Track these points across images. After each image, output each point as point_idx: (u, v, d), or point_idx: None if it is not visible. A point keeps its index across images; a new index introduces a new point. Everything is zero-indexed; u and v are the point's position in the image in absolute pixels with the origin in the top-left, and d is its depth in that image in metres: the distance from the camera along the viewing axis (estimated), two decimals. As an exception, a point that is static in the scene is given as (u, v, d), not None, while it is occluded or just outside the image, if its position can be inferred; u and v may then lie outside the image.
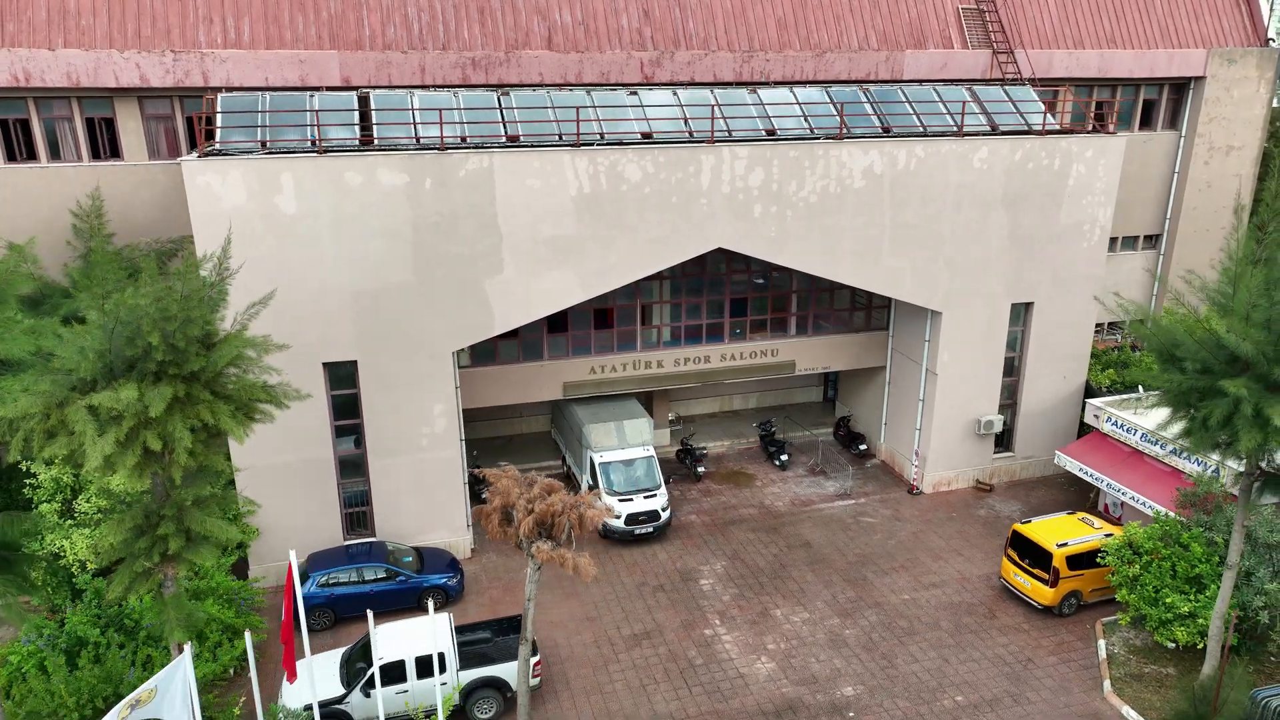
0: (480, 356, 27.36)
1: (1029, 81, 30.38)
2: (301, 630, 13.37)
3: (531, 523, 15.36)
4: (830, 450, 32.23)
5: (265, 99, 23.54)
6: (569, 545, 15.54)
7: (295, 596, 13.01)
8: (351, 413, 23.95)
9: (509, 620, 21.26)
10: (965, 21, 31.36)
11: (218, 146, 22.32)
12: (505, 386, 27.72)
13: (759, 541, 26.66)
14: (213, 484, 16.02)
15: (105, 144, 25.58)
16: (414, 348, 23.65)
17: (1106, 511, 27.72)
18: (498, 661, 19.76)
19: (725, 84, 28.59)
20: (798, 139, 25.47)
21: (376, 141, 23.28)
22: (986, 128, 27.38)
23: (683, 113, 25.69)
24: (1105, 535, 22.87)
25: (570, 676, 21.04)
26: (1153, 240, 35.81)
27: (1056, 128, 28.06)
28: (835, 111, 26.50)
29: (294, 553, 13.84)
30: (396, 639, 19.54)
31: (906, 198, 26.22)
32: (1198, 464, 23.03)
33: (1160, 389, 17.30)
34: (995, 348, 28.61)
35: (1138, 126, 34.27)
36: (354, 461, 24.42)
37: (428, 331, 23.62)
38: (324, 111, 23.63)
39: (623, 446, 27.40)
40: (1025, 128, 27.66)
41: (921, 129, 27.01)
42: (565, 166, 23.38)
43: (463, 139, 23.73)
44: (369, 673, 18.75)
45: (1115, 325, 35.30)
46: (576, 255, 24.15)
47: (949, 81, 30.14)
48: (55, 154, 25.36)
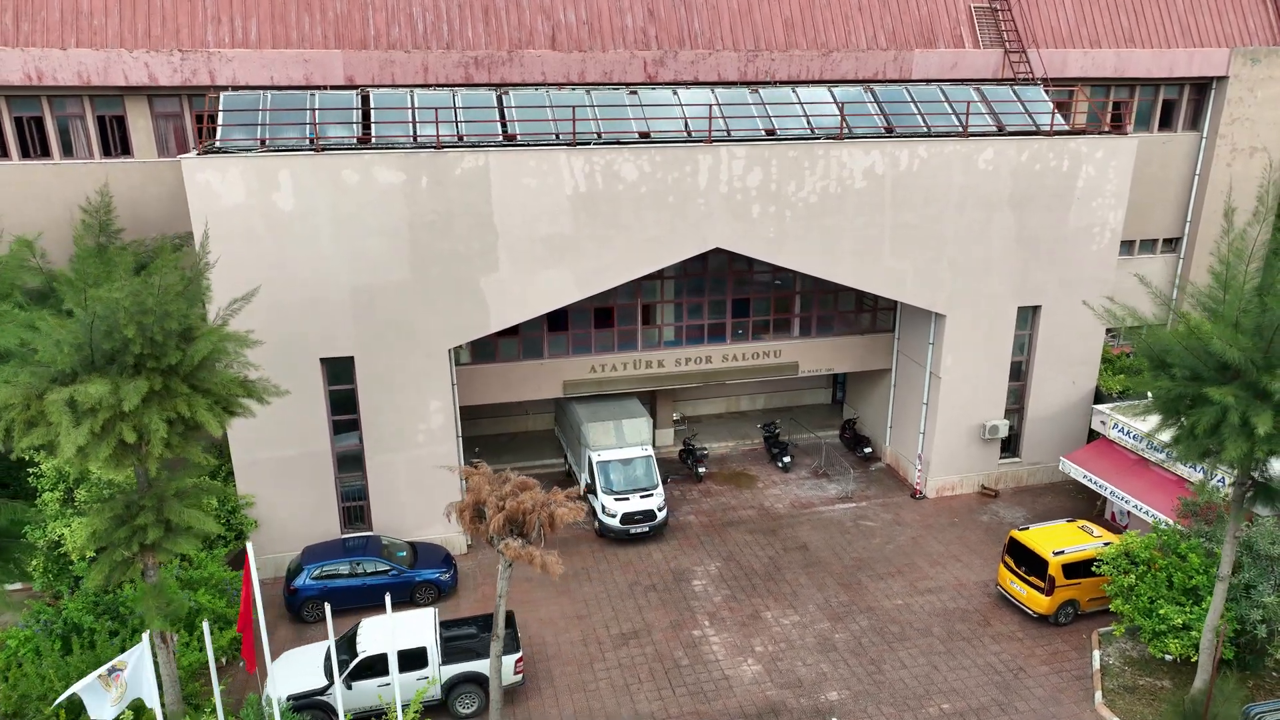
0: (480, 354, 27.55)
1: (1042, 81, 29.87)
2: (259, 621, 13.55)
3: (502, 520, 15.43)
4: (834, 453, 31.97)
5: (266, 98, 23.89)
6: (539, 543, 15.58)
7: (253, 587, 13.20)
8: (349, 408, 24.23)
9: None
10: (977, 21, 30.93)
11: (218, 144, 22.70)
12: (505, 384, 27.87)
13: (755, 543, 26.53)
14: (194, 476, 16.28)
15: (116, 141, 26.13)
16: (410, 345, 23.87)
17: (1113, 520, 27.21)
18: (482, 657, 19.87)
19: (729, 84, 28.46)
20: (797, 139, 25.30)
21: (374, 140, 23.53)
22: (993, 128, 26.98)
23: (682, 112, 25.63)
24: (1104, 544, 22.46)
25: (555, 674, 21.11)
26: (1172, 244, 35.03)
27: (1065, 128, 27.57)
28: (837, 111, 26.28)
29: (251, 545, 14.06)
30: (384, 632, 19.74)
31: (909, 199, 25.94)
32: (1201, 472, 22.51)
33: (1149, 395, 16.96)
34: (1001, 351, 28.19)
35: (1157, 127, 33.54)
36: (352, 456, 24.70)
37: (424, 329, 23.82)
38: (323, 110, 23.93)
39: (621, 446, 27.42)
40: (1033, 128, 27.22)
41: (926, 129, 26.69)
42: (561, 165, 23.45)
43: (459, 138, 23.89)
44: (352, 665, 18.99)
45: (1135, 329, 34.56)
46: (572, 254, 24.21)
47: (958, 81, 29.74)
48: (68, 151, 25.95)
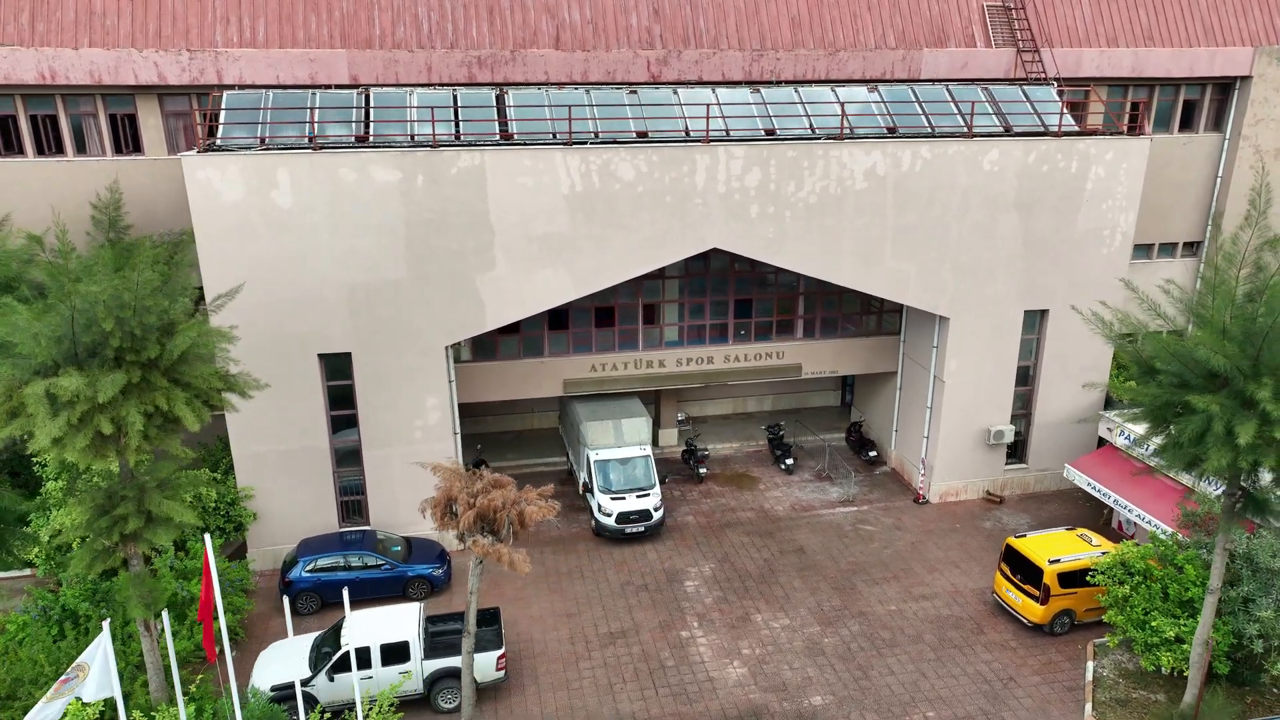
0: (481, 351, 27.72)
1: (1055, 81, 29.34)
2: (218, 613, 13.78)
3: (472, 516, 15.53)
4: (839, 456, 31.68)
5: (268, 96, 24.25)
6: (509, 541, 15.65)
7: (212, 578, 13.43)
8: (347, 404, 24.52)
9: (485, 612, 21.49)
10: (990, 20, 30.45)
11: (219, 142, 23.09)
12: (505, 382, 28.02)
13: (752, 545, 26.39)
14: (174, 468, 16.58)
15: (128, 139, 26.67)
16: (407, 342, 24.09)
17: (1120, 529, 26.66)
18: (468, 652, 20.01)
19: (734, 83, 28.32)
20: (797, 139, 25.11)
21: (372, 139, 23.78)
22: (999, 128, 26.56)
23: (681, 112, 25.56)
24: (1101, 553, 22.01)
25: (540, 671, 21.18)
26: (1193, 248, 34.21)
27: (1075, 129, 27.06)
28: (839, 111, 26.04)
29: (209, 537, 14.28)
30: (368, 626, 19.97)
31: (911, 200, 25.63)
32: (1209, 483, 21.95)
33: (1136, 402, 16.62)
34: (1007, 355, 27.75)
35: (1177, 128, 32.79)
36: (350, 451, 24.99)
37: (420, 326, 24.03)
38: (323, 109, 24.23)
39: (620, 445, 27.42)
40: (1041, 129, 26.75)
41: (930, 129, 26.35)
42: (557, 165, 23.51)
43: (456, 136, 24.05)
44: (334, 657, 19.22)
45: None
46: (569, 253, 24.27)
47: (966, 81, 29.29)
48: (81, 148, 26.54)
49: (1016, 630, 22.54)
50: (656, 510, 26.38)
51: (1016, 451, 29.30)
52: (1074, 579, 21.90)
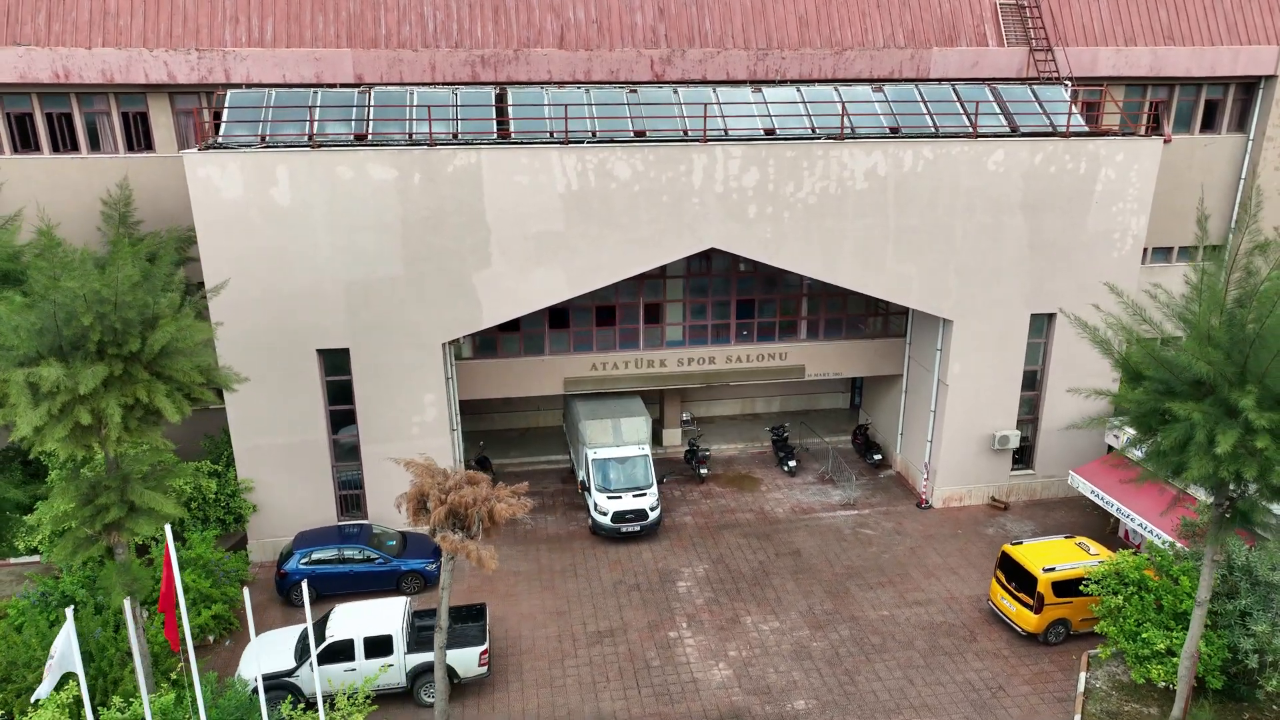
0: (482, 348, 27.90)
1: (1068, 81, 28.79)
2: (180, 603, 14.03)
3: (444, 513, 15.64)
4: (842, 459, 31.39)
5: (270, 95, 24.61)
6: (479, 537, 15.74)
7: (173, 569, 13.68)
8: (346, 399, 24.81)
9: (472, 608, 21.65)
10: (1003, 18, 29.96)
11: (220, 140, 23.48)
12: (505, 379, 28.17)
13: (748, 547, 26.25)
14: (154, 460, 16.90)
15: (140, 137, 27.24)
16: (404, 338, 24.31)
17: (1126, 538, 26.10)
18: (451, 647, 20.13)
19: (738, 82, 28.18)
20: (797, 139, 24.91)
21: (371, 137, 24.03)
22: (1005, 128, 26.13)
23: (681, 111, 25.50)
24: (1098, 562, 21.56)
25: (525, 669, 21.26)
26: (1214, 251, 33.29)
27: (1084, 129, 26.53)
28: (840, 110, 25.79)
29: (169, 528, 14.54)
30: (354, 618, 20.20)
31: (913, 201, 25.31)
32: (1208, 493, 21.41)
33: (1121, 409, 16.27)
34: (1012, 360, 27.29)
35: (1199, 129, 32.01)
36: (348, 446, 25.28)
37: (417, 323, 24.23)
38: (325, 108, 24.54)
39: (618, 444, 27.44)
40: (1049, 129, 26.26)
41: (934, 129, 26.00)
42: (553, 163, 23.58)
43: (455, 135, 24.21)
44: (317, 649, 19.47)
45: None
46: (565, 252, 24.32)
47: (975, 80, 28.85)
48: (95, 146, 27.16)
49: (1010, 639, 22.17)
50: (653, 510, 26.35)
51: (1023, 457, 28.82)
52: (1069, 588, 21.49)
